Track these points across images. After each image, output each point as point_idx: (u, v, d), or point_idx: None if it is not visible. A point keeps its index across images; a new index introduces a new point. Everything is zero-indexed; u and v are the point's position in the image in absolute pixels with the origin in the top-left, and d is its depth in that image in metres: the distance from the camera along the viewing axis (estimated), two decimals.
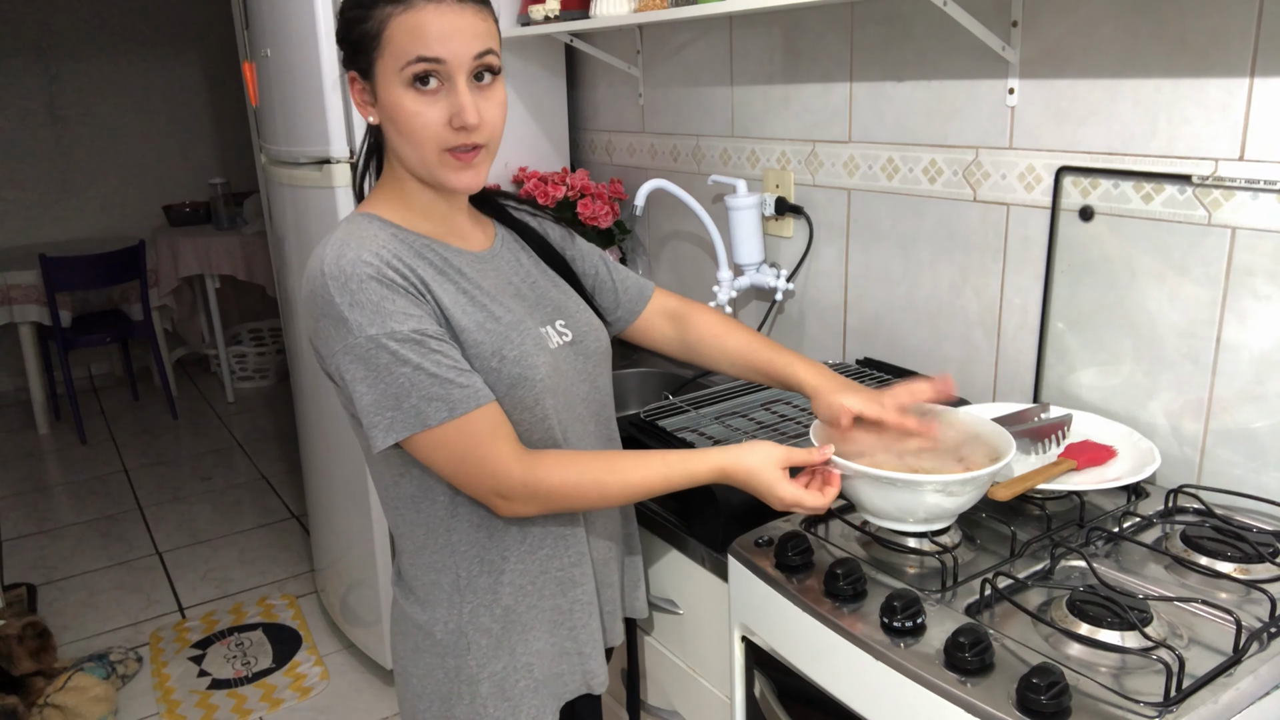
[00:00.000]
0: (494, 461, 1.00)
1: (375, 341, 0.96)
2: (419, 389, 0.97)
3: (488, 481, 1.01)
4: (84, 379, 5.23)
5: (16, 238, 4.95)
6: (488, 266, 1.12)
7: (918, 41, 1.57)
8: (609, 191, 2.25)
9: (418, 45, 0.98)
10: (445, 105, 1.00)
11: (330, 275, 0.97)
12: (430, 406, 0.97)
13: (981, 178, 1.52)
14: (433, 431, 0.98)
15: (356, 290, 0.97)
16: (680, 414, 1.57)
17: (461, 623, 1.11)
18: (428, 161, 1.03)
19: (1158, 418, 1.34)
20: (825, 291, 1.86)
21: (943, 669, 0.93)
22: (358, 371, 0.98)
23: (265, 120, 2.41)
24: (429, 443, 0.99)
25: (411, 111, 1.00)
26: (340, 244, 1.00)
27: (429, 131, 1.00)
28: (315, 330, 1.01)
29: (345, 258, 0.98)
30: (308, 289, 1.00)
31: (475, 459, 1.00)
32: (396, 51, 0.98)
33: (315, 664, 2.61)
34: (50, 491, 3.85)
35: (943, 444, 1.17)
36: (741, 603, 1.21)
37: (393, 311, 0.97)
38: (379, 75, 1.01)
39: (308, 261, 1.02)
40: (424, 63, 0.98)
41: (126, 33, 5.12)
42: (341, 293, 0.97)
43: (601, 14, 1.90)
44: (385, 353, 0.96)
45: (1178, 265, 1.28)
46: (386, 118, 1.02)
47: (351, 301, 0.96)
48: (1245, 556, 1.08)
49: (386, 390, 0.97)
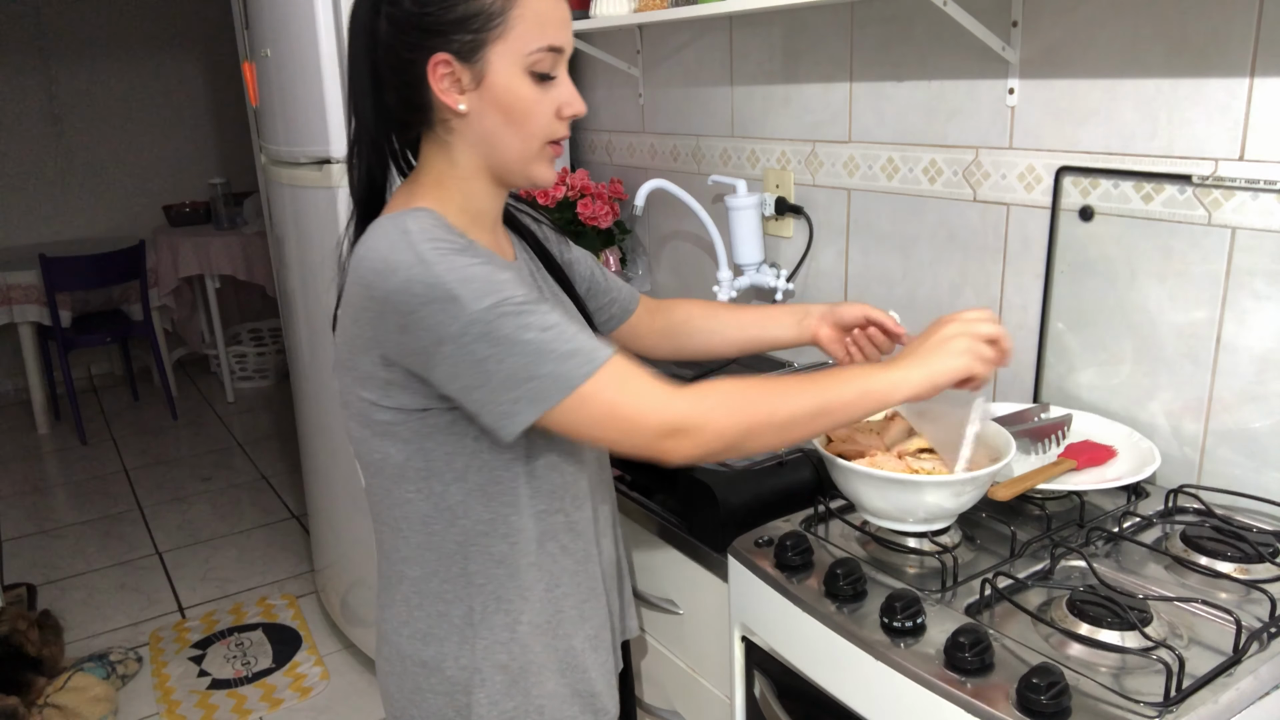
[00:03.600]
0: (653, 394, 0.90)
1: (495, 310, 0.87)
2: (552, 351, 0.88)
3: (651, 422, 0.89)
4: (84, 379, 5.23)
5: (16, 238, 4.95)
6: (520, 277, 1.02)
7: (918, 41, 1.57)
8: (609, 191, 2.25)
9: (549, 32, 0.93)
10: (555, 95, 0.96)
11: (430, 259, 0.88)
12: (569, 365, 0.88)
13: (981, 178, 1.52)
14: (579, 391, 0.88)
15: (463, 267, 0.88)
16: None
17: (475, 659, 1.03)
18: (528, 154, 0.97)
19: (1158, 418, 1.34)
20: (825, 292, 1.86)
21: (943, 669, 0.93)
22: (483, 350, 0.87)
23: (265, 120, 2.41)
24: (576, 405, 0.89)
25: (532, 99, 0.94)
26: (428, 234, 0.90)
27: (542, 122, 0.96)
28: (407, 326, 0.89)
29: (439, 239, 0.90)
30: (395, 281, 0.88)
31: (629, 405, 0.89)
32: (524, 36, 0.92)
33: (315, 664, 2.61)
34: (50, 491, 3.85)
35: (943, 444, 1.17)
36: (741, 603, 1.21)
37: (501, 281, 0.89)
38: (492, 58, 0.92)
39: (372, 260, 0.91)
40: (553, 52, 0.94)
41: (126, 33, 5.12)
42: (449, 271, 0.87)
43: (601, 14, 1.90)
44: (509, 321, 0.87)
45: (1178, 265, 1.28)
46: (493, 105, 0.95)
47: (461, 277, 0.87)
48: (1245, 556, 1.08)
49: (518, 362, 0.87)
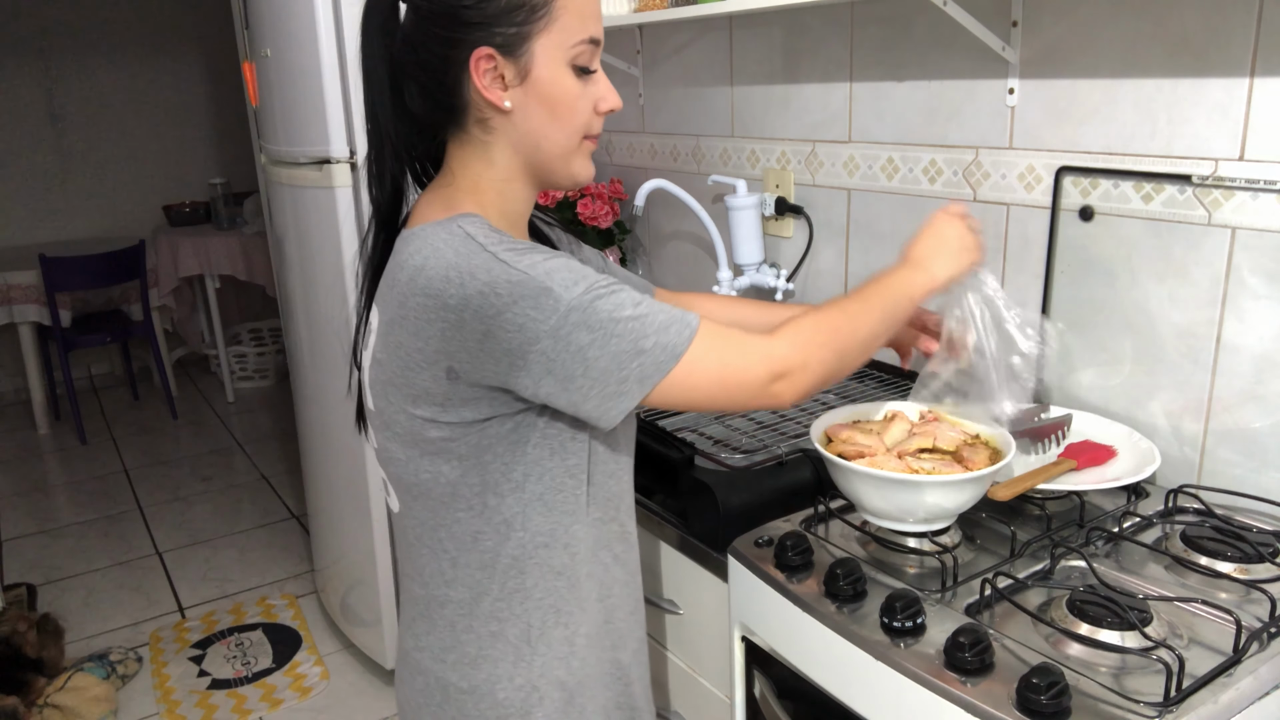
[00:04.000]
0: (752, 343, 0.90)
1: (588, 296, 0.85)
2: (651, 323, 0.87)
3: (760, 372, 0.89)
4: (84, 379, 5.23)
5: (16, 238, 4.95)
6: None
7: (918, 41, 1.57)
8: (609, 191, 2.25)
9: (589, 24, 0.92)
10: (593, 90, 0.95)
11: (505, 259, 0.85)
12: (670, 334, 0.87)
13: (981, 178, 1.52)
14: (685, 358, 0.87)
15: (545, 259, 0.86)
16: (679, 414, 1.57)
17: (533, 676, 0.98)
18: (568, 149, 0.95)
19: (1158, 418, 1.34)
20: (825, 291, 1.86)
21: (943, 669, 0.93)
22: (584, 337, 0.85)
23: (265, 120, 2.41)
24: (685, 373, 0.88)
25: (576, 94, 0.92)
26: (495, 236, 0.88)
27: (583, 117, 0.94)
28: (491, 332, 0.85)
29: (506, 242, 0.88)
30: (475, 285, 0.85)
31: (735, 361, 0.89)
32: (568, 28, 0.90)
33: (315, 664, 2.61)
34: (50, 491, 3.85)
35: (943, 444, 1.17)
36: (741, 603, 1.21)
37: (583, 271, 0.87)
38: (538, 51, 0.90)
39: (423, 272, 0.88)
40: (593, 45, 0.92)
41: (126, 33, 5.12)
42: (533, 267, 0.85)
43: (601, 14, 1.90)
44: (603, 303, 0.85)
45: (1178, 265, 1.28)
46: (539, 100, 0.92)
47: (545, 270, 0.85)
48: (1245, 556, 1.08)
49: (622, 341, 0.86)
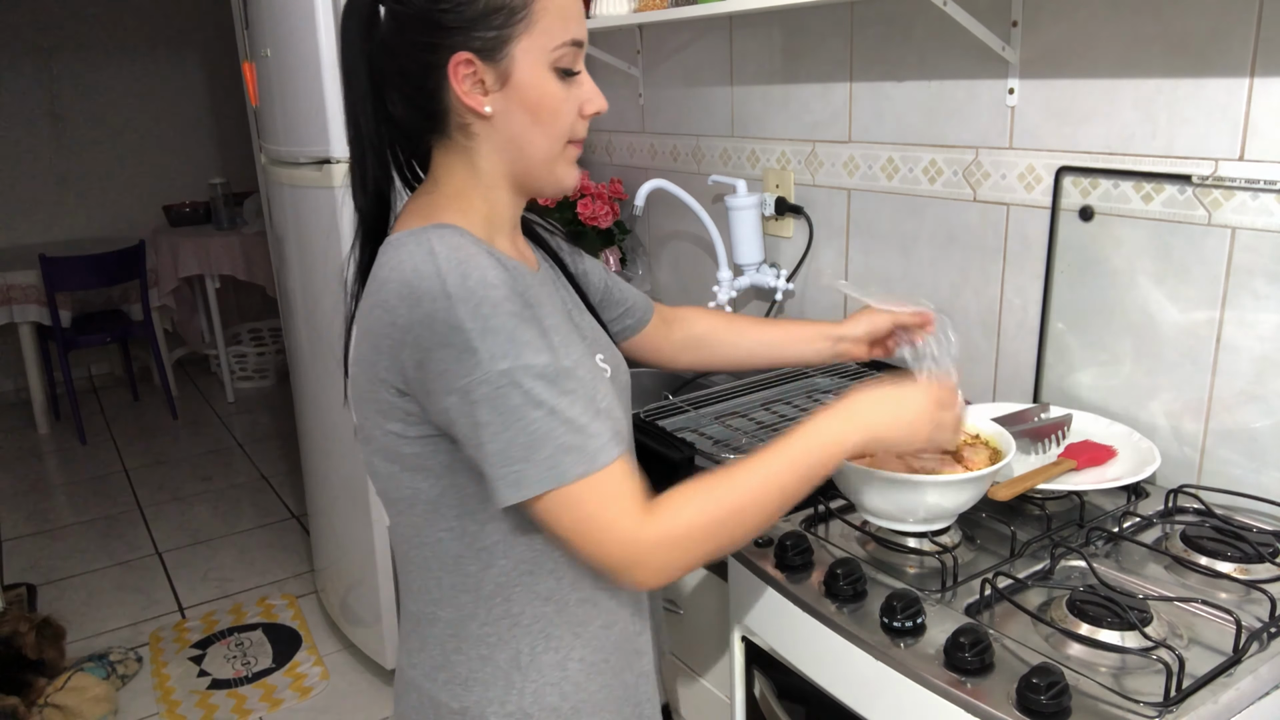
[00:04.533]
0: (625, 522, 0.83)
1: (508, 377, 0.80)
2: (554, 438, 0.81)
3: (616, 551, 0.83)
4: (84, 379, 5.23)
5: (16, 238, 4.95)
6: (544, 292, 0.97)
7: (918, 41, 1.57)
8: (609, 191, 2.25)
9: (571, 26, 0.88)
10: (577, 94, 0.91)
11: (458, 298, 0.81)
12: (567, 459, 0.81)
13: (981, 178, 1.52)
14: (566, 489, 0.81)
15: (490, 315, 0.81)
16: (680, 414, 1.57)
17: (525, 704, 0.94)
18: (551, 154, 0.92)
19: (1158, 418, 1.34)
20: (825, 291, 1.86)
21: (943, 669, 0.93)
22: (484, 414, 0.81)
23: (265, 120, 2.41)
24: (559, 503, 0.82)
25: (559, 97, 0.89)
26: (458, 260, 0.83)
27: (566, 121, 0.91)
28: (423, 362, 0.83)
29: (472, 277, 0.82)
30: (419, 312, 0.82)
31: (601, 523, 0.82)
32: (549, 30, 0.87)
33: (315, 664, 2.61)
34: (50, 491, 3.85)
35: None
36: (741, 603, 1.21)
37: (527, 342, 0.82)
38: (518, 55, 0.87)
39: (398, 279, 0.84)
40: (576, 47, 0.89)
41: (126, 33, 5.12)
42: (473, 318, 0.81)
43: (601, 14, 1.90)
44: (518, 392, 0.81)
45: (1178, 265, 1.28)
46: (520, 105, 0.89)
47: (484, 328, 0.81)
48: (1245, 556, 1.08)
49: (515, 439, 0.81)
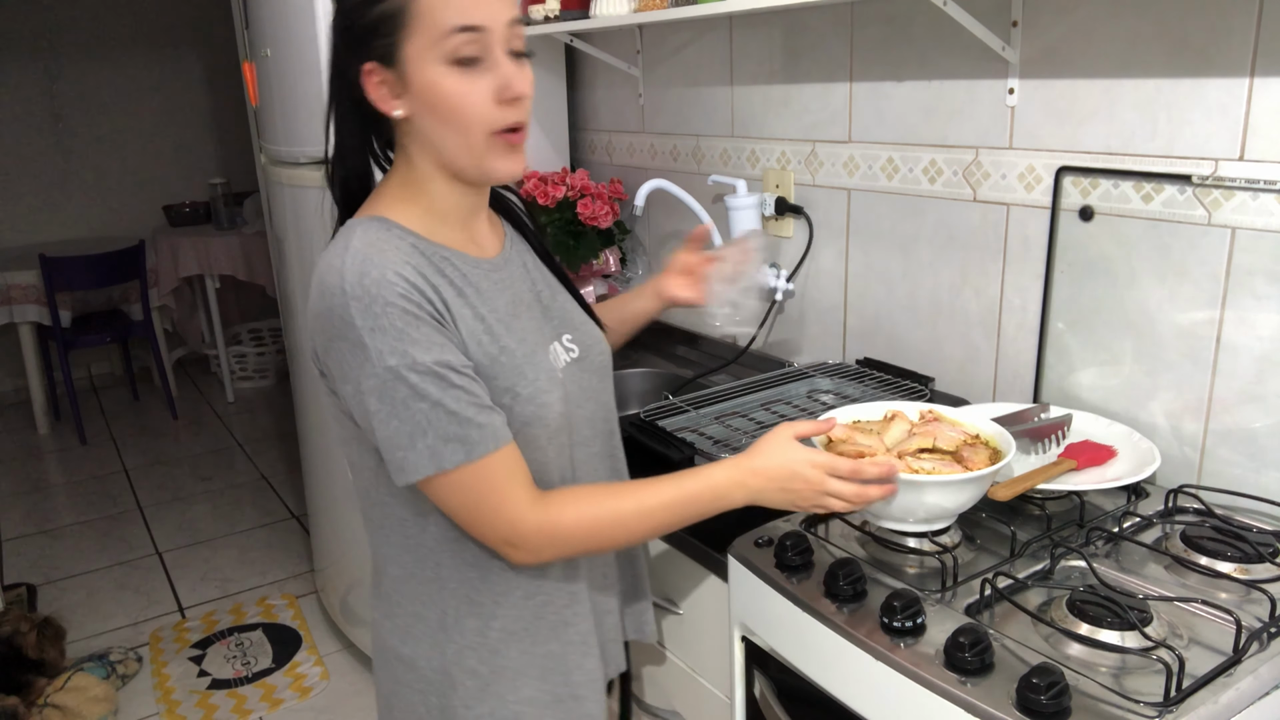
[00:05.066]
0: (509, 508, 0.93)
1: (394, 373, 0.89)
2: (436, 428, 0.90)
3: (501, 529, 0.94)
4: (84, 379, 5.23)
5: (16, 238, 4.95)
6: (501, 276, 1.04)
7: (918, 41, 1.57)
8: (609, 191, 2.25)
9: (453, 14, 0.89)
10: (490, 80, 0.92)
11: (353, 295, 0.89)
12: (447, 448, 0.90)
13: (981, 178, 1.52)
14: (448, 474, 0.91)
15: (380, 314, 0.89)
16: (680, 414, 1.57)
17: (446, 661, 1.04)
18: (475, 149, 0.94)
19: (1158, 418, 1.34)
20: (825, 291, 1.86)
21: (943, 669, 0.93)
22: (373, 404, 0.90)
23: (265, 120, 2.41)
24: (444, 486, 0.93)
25: (457, 92, 0.91)
26: (362, 258, 0.91)
27: (477, 112, 0.92)
28: (328, 350, 0.93)
29: (369, 276, 0.89)
30: (323, 305, 0.91)
31: (490, 505, 0.93)
32: (430, 26, 0.89)
33: (315, 664, 2.61)
34: (50, 491, 3.85)
35: (943, 444, 1.17)
36: (741, 603, 1.21)
37: (416, 340, 0.90)
38: (409, 57, 0.91)
39: (319, 271, 0.94)
40: (466, 32, 0.89)
41: (126, 33, 5.12)
42: (364, 315, 0.88)
43: (601, 14, 1.90)
44: (404, 386, 0.89)
45: (1178, 265, 1.28)
46: (423, 106, 0.93)
47: (374, 326, 0.88)
48: (1245, 556, 1.08)
49: (401, 427, 0.90)
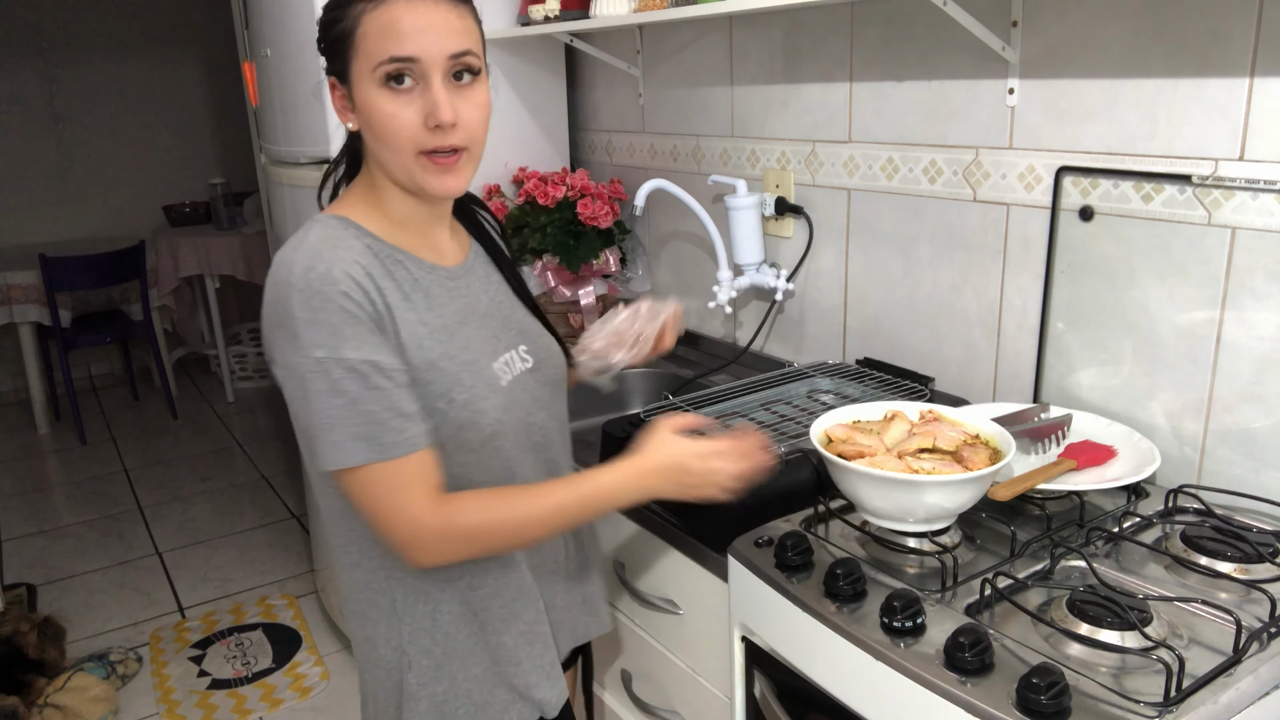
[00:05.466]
0: (409, 509, 0.96)
1: (320, 364, 0.93)
2: (348, 424, 0.94)
3: (399, 530, 0.97)
4: (84, 379, 5.23)
5: (16, 238, 4.95)
6: (459, 284, 1.09)
7: (918, 41, 1.57)
8: (609, 191, 2.25)
9: (389, 44, 0.95)
10: (420, 105, 0.96)
11: (297, 287, 0.94)
12: (355, 445, 0.94)
13: (981, 178, 1.52)
14: (355, 471, 0.95)
15: (319, 307, 0.93)
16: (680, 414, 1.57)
17: (402, 641, 1.09)
18: (406, 166, 0.99)
19: (1158, 418, 1.34)
20: (825, 291, 1.86)
21: (943, 669, 0.93)
22: (297, 392, 0.95)
23: (265, 120, 2.41)
24: (350, 481, 0.96)
25: (386, 113, 0.96)
26: (313, 253, 0.96)
27: (405, 133, 0.97)
28: (271, 338, 0.98)
29: (315, 270, 0.94)
30: (273, 295, 0.97)
31: (390, 506, 0.96)
32: (369, 51, 0.95)
33: (315, 664, 2.61)
34: (50, 491, 3.85)
35: (943, 444, 1.17)
36: (741, 603, 1.21)
37: (348, 336, 0.94)
38: (354, 77, 0.98)
39: (274, 263, 0.99)
40: (396, 62, 0.95)
41: (126, 33, 5.12)
42: (304, 307, 0.93)
43: (601, 14, 1.90)
44: (326, 379, 0.93)
45: (1178, 265, 1.28)
46: (363, 122, 1.00)
47: (310, 318, 0.93)
48: (1245, 556, 1.08)
49: (316, 418, 0.95)
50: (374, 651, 1.11)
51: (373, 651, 1.11)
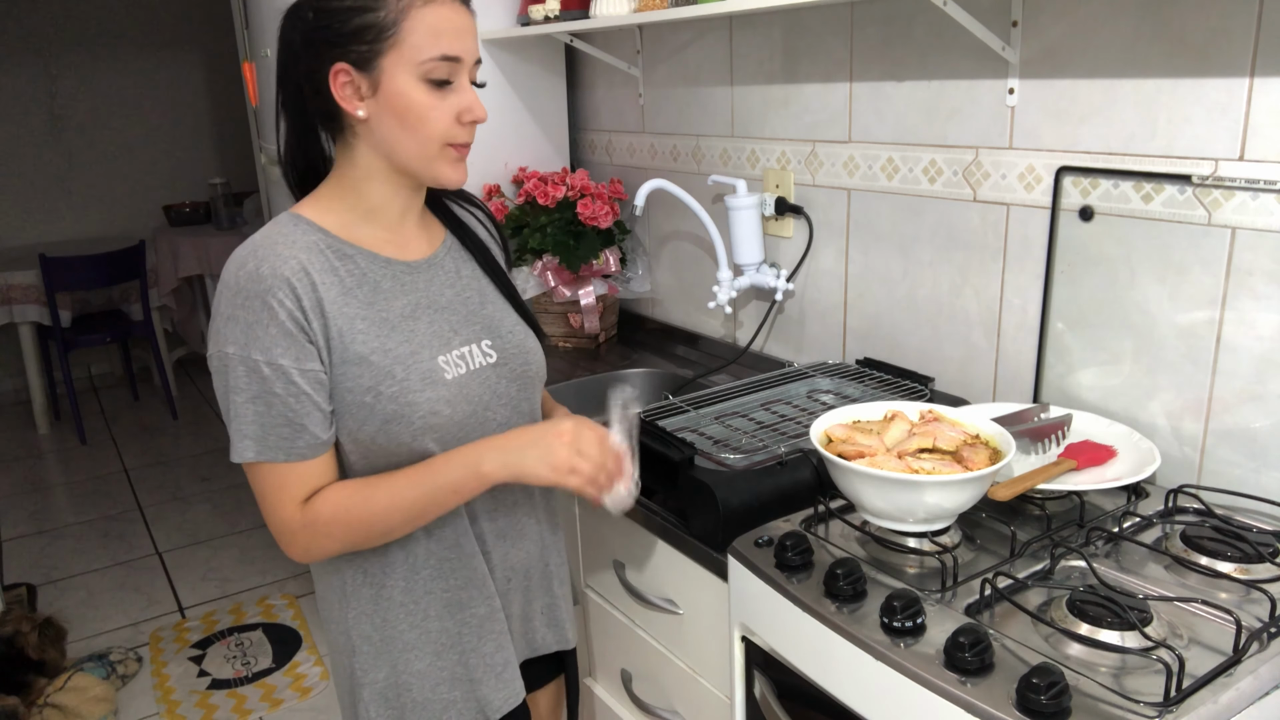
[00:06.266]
0: (281, 508, 1.02)
1: (228, 360, 0.99)
2: (241, 420, 0.99)
3: (272, 524, 1.03)
4: (84, 379, 5.23)
5: (16, 238, 4.95)
6: (418, 278, 1.11)
7: (918, 41, 1.57)
8: (609, 191, 2.25)
9: (441, 43, 1.00)
10: (454, 101, 1.03)
11: (227, 283, 1.00)
12: (245, 443, 1.00)
13: (981, 178, 1.52)
14: (248, 465, 1.02)
15: (241, 305, 0.98)
16: (680, 414, 1.57)
17: (347, 626, 1.12)
18: (427, 155, 1.04)
19: (1158, 418, 1.34)
20: (825, 291, 1.86)
21: (943, 669, 0.93)
22: (218, 381, 1.01)
23: (265, 120, 2.41)
24: (248, 471, 1.03)
25: (426, 104, 1.01)
26: (251, 252, 1.01)
27: (439, 125, 1.02)
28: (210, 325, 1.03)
29: (246, 268, 0.99)
30: (220, 283, 1.02)
31: (269, 502, 1.03)
32: (416, 45, 0.99)
33: (315, 664, 2.61)
34: (50, 491, 3.85)
35: (943, 444, 1.17)
36: (741, 603, 1.21)
37: (259, 337, 0.98)
38: (387, 67, 1.00)
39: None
40: (446, 61, 1.00)
41: (126, 33, 5.12)
42: (229, 303, 0.99)
43: (601, 14, 1.90)
44: (230, 375, 0.99)
45: (1178, 265, 1.28)
46: (389, 111, 1.02)
47: (231, 314, 0.98)
48: (1245, 556, 1.08)
49: (228, 411, 1.01)
50: (330, 634, 1.16)
51: (329, 634, 1.17)
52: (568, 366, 2.14)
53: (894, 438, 1.19)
